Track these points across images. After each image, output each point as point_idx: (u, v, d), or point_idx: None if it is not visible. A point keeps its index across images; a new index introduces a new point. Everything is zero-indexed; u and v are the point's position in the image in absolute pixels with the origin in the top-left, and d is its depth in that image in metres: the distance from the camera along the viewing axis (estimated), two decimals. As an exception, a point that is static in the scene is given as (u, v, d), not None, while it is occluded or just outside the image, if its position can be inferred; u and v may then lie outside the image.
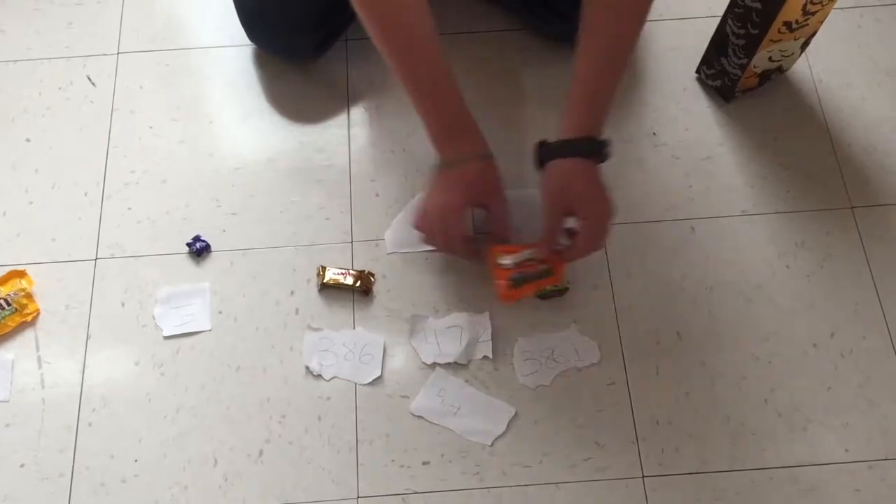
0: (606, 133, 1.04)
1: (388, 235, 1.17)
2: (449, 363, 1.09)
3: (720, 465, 1.05)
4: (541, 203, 1.06)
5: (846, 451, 1.05)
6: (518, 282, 1.08)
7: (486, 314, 1.12)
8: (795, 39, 1.19)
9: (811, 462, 1.05)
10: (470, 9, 1.34)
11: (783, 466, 1.04)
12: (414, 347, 1.10)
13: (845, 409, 1.08)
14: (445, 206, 1.07)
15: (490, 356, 1.10)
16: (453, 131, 1.07)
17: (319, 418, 1.07)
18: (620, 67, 1.05)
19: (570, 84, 1.04)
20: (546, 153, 1.05)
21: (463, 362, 1.09)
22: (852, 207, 1.21)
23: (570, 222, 1.05)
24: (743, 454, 1.05)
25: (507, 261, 1.08)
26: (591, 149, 1.03)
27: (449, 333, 1.11)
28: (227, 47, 1.32)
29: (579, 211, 1.03)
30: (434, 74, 1.04)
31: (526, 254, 1.09)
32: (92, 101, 1.28)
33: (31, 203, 1.20)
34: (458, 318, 1.12)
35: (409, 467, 1.04)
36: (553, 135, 1.05)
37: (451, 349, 1.10)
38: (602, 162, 1.05)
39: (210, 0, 1.36)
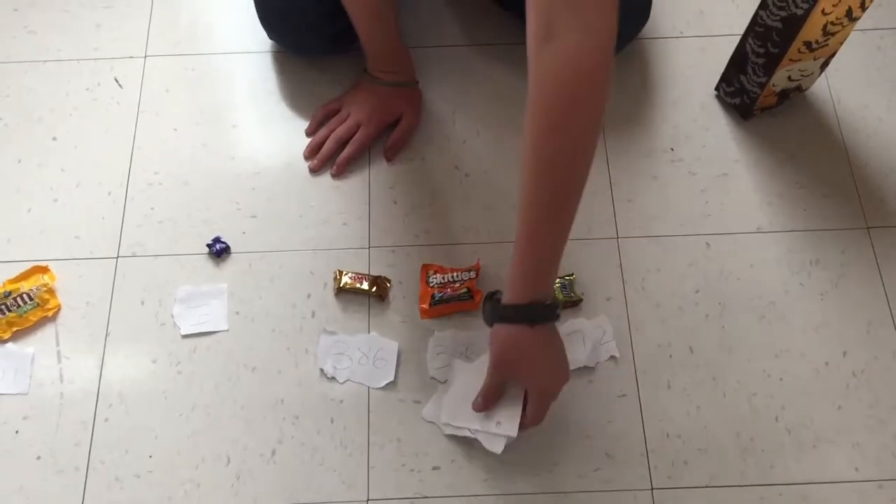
0: (623, 148, 1.02)
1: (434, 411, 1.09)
2: (577, 368, 1.09)
3: (729, 480, 1.05)
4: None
5: (856, 469, 1.05)
6: (437, 301, 1.13)
7: (603, 316, 1.13)
8: (815, 59, 1.19)
9: (820, 480, 1.05)
10: (494, 20, 1.36)
11: (792, 483, 1.04)
12: None
13: (855, 428, 1.08)
14: (375, 106, 1.24)
15: (617, 355, 1.11)
16: (384, 59, 1.24)
17: (332, 420, 1.08)
18: (564, 223, 0.90)
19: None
20: (492, 314, 0.96)
21: (591, 365, 1.10)
22: (868, 228, 1.21)
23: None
24: (752, 470, 1.05)
25: (435, 280, 1.13)
26: (537, 315, 0.93)
27: (571, 340, 1.12)
28: (250, 53, 1.34)
29: (521, 382, 0.99)
30: (373, 6, 1.17)
31: (453, 276, 1.14)
32: (118, 103, 1.30)
33: (55, 201, 1.22)
34: (577, 323, 1.13)
35: (419, 472, 1.05)
36: None
37: (577, 355, 1.10)
38: (553, 321, 0.95)
39: (233, 6, 1.38)
